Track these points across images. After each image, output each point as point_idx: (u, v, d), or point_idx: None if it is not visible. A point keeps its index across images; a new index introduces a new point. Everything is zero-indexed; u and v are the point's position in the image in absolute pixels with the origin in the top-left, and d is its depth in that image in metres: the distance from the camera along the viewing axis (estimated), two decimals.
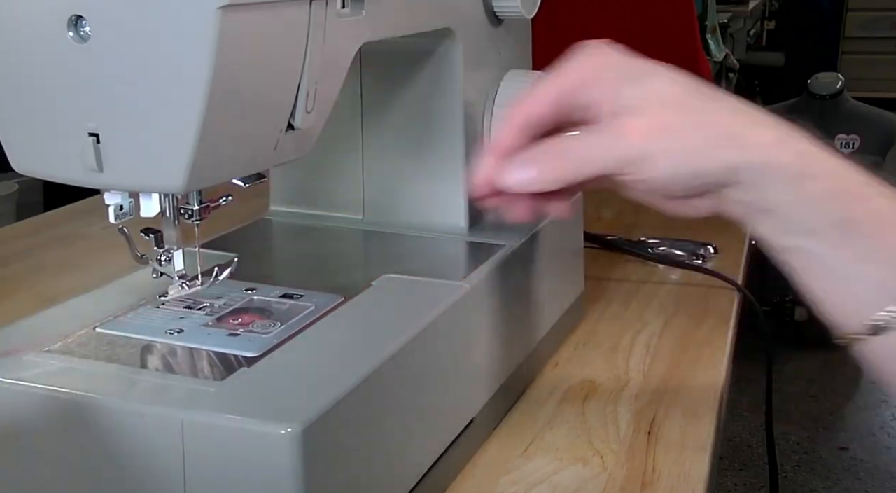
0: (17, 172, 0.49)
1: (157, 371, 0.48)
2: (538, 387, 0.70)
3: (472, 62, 0.67)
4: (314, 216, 0.72)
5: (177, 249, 0.54)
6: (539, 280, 0.71)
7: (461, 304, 0.57)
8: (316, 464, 0.43)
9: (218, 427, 0.43)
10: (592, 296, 0.85)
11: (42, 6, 0.44)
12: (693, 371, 0.72)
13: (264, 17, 0.44)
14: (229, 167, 0.48)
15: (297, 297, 0.57)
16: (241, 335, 0.52)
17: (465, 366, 0.59)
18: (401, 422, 0.51)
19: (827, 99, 2.52)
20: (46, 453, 0.47)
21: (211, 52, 0.42)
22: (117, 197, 0.50)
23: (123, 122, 0.44)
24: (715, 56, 2.42)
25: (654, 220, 1.05)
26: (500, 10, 0.69)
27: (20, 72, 0.46)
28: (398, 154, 0.69)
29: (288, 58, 0.47)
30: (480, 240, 0.67)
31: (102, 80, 0.44)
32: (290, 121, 0.49)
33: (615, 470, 0.59)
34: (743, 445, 2.19)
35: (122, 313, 0.54)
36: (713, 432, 0.64)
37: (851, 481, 2.08)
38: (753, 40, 4.02)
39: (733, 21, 3.07)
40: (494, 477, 0.59)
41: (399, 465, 0.52)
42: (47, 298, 0.83)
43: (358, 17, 0.52)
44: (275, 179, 0.74)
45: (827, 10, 4.39)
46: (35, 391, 0.46)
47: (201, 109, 0.43)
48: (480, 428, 0.61)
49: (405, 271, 0.60)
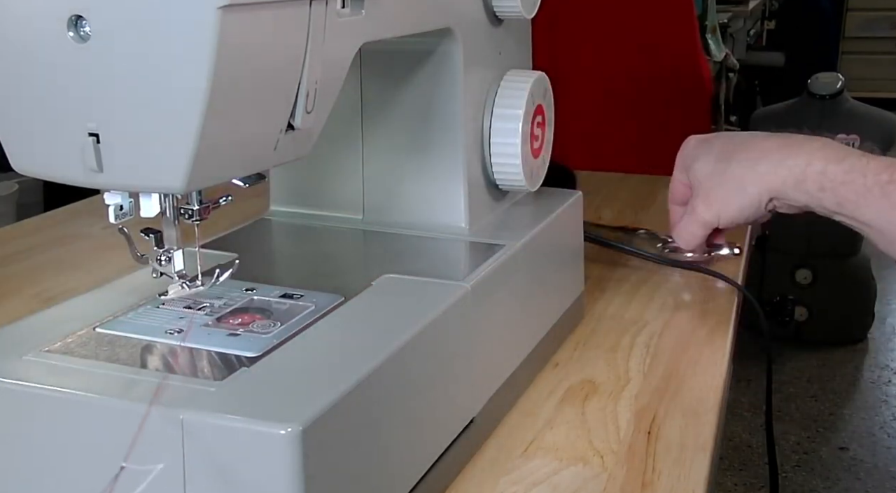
0: (17, 172, 0.49)
1: (157, 371, 0.48)
2: (538, 387, 0.70)
3: (472, 62, 0.67)
4: (314, 216, 0.72)
5: (177, 249, 0.54)
6: (539, 280, 0.71)
7: (461, 304, 0.57)
8: (316, 464, 0.43)
9: (218, 427, 0.43)
10: (592, 296, 0.85)
11: (42, 6, 0.44)
12: (693, 371, 0.72)
13: (264, 17, 0.44)
14: (229, 167, 0.48)
15: (297, 297, 0.57)
16: (241, 335, 0.52)
17: (465, 366, 0.59)
18: (401, 422, 0.51)
19: (827, 99, 2.52)
20: (46, 452, 0.47)
21: (211, 52, 0.42)
22: (117, 197, 0.50)
23: (123, 122, 0.44)
24: (715, 56, 2.42)
25: (654, 220, 1.05)
26: (500, 10, 0.69)
27: (20, 72, 0.46)
28: (398, 154, 0.70)
29: (288, 58, 0.47)
30: (480, 240, 0.67)
31: (102, 81, 0.44)
32: (290, 121, 0.49)
33: (615, 470, 0.59)
34: (743, 445, 2.19)
35: (122, 313, 0.54)
36: (713, 432, 0.64)
37: (851, 481, 2.08)
38: (753, 40, 4.02)
39: (733, 21, 3.07)
40: (494, 477, 0.59)
41: (399, 465, 0.52)
42: (47, 298, 0.84)
43: (358, 17, 0.52)
44: (275, 179, 0.74)
45: (827, 10, 4.39)
46: (35, 391, 0.46)
47: (201, 109, 0.43)
48: (480, 428, 0.61)
49: (405, 271, 0.60)
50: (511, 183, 0.71)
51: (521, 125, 0.69)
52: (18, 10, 0.44)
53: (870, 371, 2.55)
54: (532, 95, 0.70)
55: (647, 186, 1.20)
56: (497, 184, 0.72)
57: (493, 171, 0.71)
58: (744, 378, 2.35)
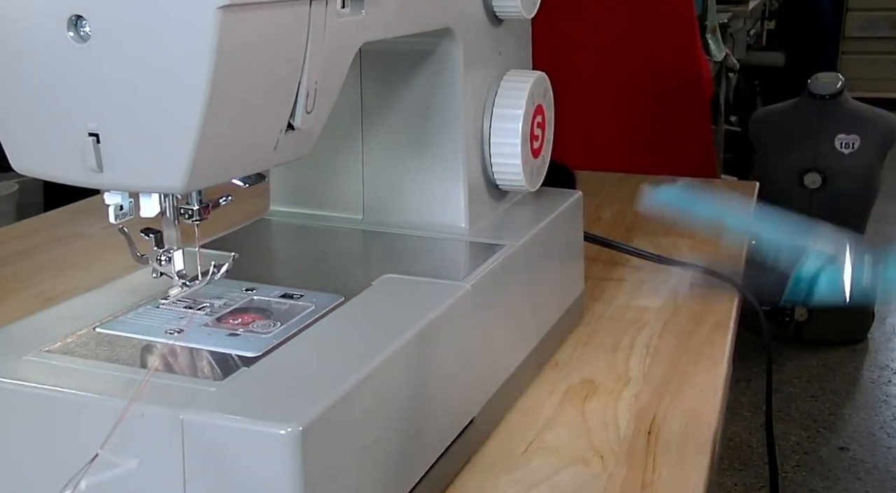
0: (17, 172, 0.49)
1: (157, 371, 0.48)
2: (538, 387, 0.70)
3: (472, 62, 0.67)
4: (314, 216, 0.72)
5: (177, 249, 0.54)
6: (539, 280, 0.71)
7: (461, 304, 0.57)
8: (316, 464, 0.43)
9: (218, 427, 0.43)
10: (592, 296, 0.85)
11: (42, 6, 0.44)
12: (693, 371, 0.72)
13: (264, 17, 0.44)
14: (229, 167, 0.48)
15: (297, 297, 0.57)
16: (241, 335, 0.52)
17: (465, 366, 0.59)
18: (401, 422, 0.51)
19: (827, 99, 2.52)
20: (46, 452, 0.47)
21: (211, 52, 0.42)
22: (117, 197, 0.50)
23: (123, 122, 0.44)
24: (715, 56, 2.42)
25: (654, 220, 1.05)
26: (500, 10, 0.69)
27: (20, 72, 0.46)
28: (398, 154, 0.69)
29: (288, 58, 0.47)
30: (480, 240, 0.67)
31: (102, 81, 0.44)
32: (290, 121, 0.49)
33: (615, 470, 0.59)
34: (743, 445, 2.19)
35: (122, 313, 0.54)
36: (713, 432, 0.64)
37: (851, 481, 2.07)
38: (753, 40, 4.02)
39: (733, 21, 3.07)
40: (494, 477, 0.59)
41: (399, 465, 0.52)
42: (47, 298, 0.84)
43: (358, 17, 0.52)
44: (275, 179, 0.74)
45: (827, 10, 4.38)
46: (35, 391, 0.46)
47: (201, 109, 0.43)
48: (480, 428, 0.61)
49: (405, 271, 0.60)
50: (511, 183, 0.71)
51: (521, 125, 0.69)
52: (18, 10, 0.44)
53: (870, 371, 2.55)
54: (532, 95, 0.70)
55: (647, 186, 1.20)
56: (497, 184, 0.72)
57: (493, 171, 0.71)
58: (744, 378, 2.35)
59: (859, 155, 2.51)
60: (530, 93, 0.70)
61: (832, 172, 2.51)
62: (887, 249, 0.53)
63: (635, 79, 1.87)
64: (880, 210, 2.73)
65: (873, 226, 2.70)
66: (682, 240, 0.99)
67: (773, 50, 4.11)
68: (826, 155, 2.52)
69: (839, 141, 2.53)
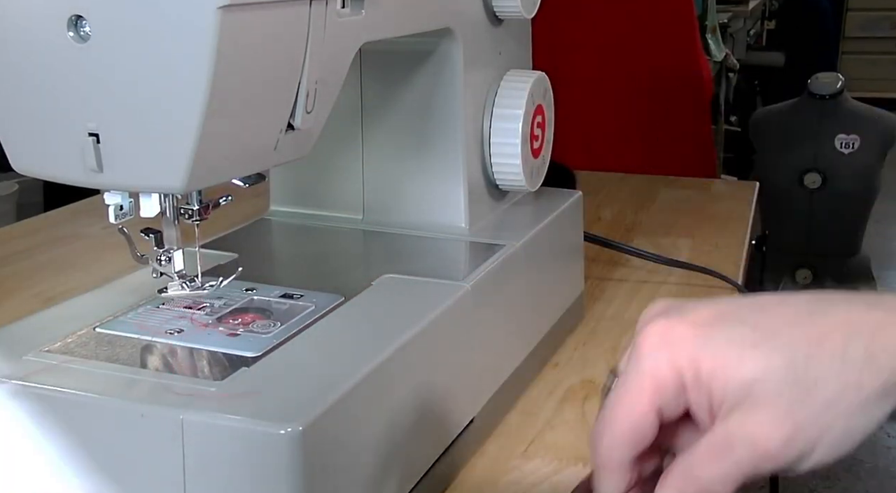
0: (17, 172, 0.49)
1: (157, 371, 0.48)
2: (538, 387, 0.70)
3: (472, 62, 0.67)
4: (314, 216, 0.72)
5: (177, 249, 0.54)
6: (539, 280, 0.71)
7: (461, 304, 0.57)
8: (316, 464, 0.43)
9: (218, 427, 0.43)
10: (592, 296, 0.85)
11: (42, 6, 0.44)
12: None
13: (264, 17, 0.44)
14: (229, 167, 0.48)
15: (297, 297, 0.57)
16: (241, 335, 0.52)
17: (465, 366, 0.59)
18: (401, 422, 0.51)
19: (827, 99, 2.52)
20: (46, 453, 0.47)
21: (211, 52, 0.42)
22: (117, 197, 0.50)
23: (123, 122, 0.44)
24: (715, 56, 2.42)
25: (654, 220, 1.05)
26: (500, 10, 0.69)
27: (20, 72, 0.46)
28: (398, 154, 0.69)
29: (288, 58, 0.47)
30: (480, 240, 0.67)
31: (102, 80, 0.44)
32: (290, 121, 0.49)
33: None
34: None
35: (122, 313, 0.54)
36: None
37: (851, 481, 2.07)
38: (753, 40, 4.02)
39: (733, 21, 3.07)
40: (494, 477, 0.59)
41: (399, 465, 0.52)
42: (47, 298, 0.84)
43: (358, 17, 0.52)
44: (275, 179, 0.74)
45: (827, 10, 4.38)
46: (35, 391, 0.46)
47: (201, 109, 0.43)
48: (480, 428, 0.61)
49: (405, 271, 0.60)
50: (511, 183, 0.71)
51: (521, 125, 0.69)
52: (18, 10, 0.44)
53: None
54: (532, 95, 0.70)
55: (647, 186, 1.20)
56: (497, 184, 0.72)
57: (493, 171, 0.71)
58: None
59: (859, 155, 2.52)
60: (530, 93, 0.70)
61: (832, 172, 2.52)
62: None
63: (635, 79, 1.87)
64: (880, 210, 2.73)
65: (873, 226, 2.70)
66: (682, 240, 0.99)
67: (773, 50, 4.11)
68: (826, 155, 2.52)
69: (839, 141, 2.53)
